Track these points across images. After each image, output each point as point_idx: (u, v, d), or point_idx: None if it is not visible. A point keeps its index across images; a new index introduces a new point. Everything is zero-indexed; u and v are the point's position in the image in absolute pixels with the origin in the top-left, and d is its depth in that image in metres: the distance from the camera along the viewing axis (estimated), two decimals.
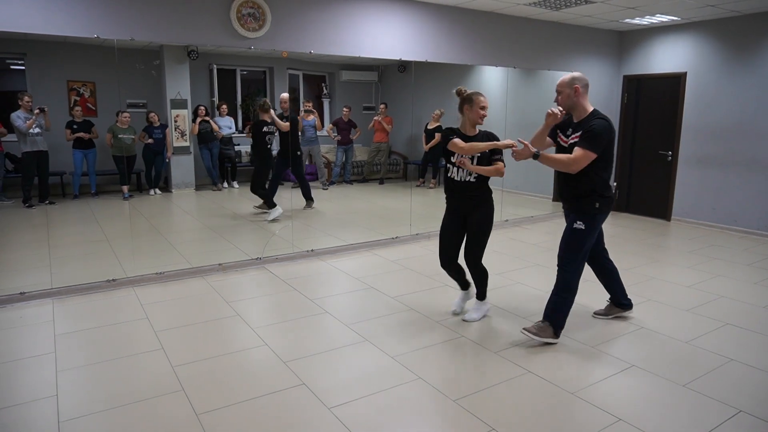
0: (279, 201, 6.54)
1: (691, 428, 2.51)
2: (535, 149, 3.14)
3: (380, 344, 3.36)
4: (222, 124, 8.24)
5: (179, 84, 7.26)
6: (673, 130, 7.17)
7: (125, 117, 7.33)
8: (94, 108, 7.57)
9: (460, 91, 3.51)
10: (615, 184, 7.91)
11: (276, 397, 2.75)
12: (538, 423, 2.54)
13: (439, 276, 4.44)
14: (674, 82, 7.10)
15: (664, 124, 7.30)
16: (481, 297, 3.76)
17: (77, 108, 7.23)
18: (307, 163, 8.41)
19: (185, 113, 7.33)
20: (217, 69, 8.48)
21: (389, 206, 7.81)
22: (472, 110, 3.42)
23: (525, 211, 7.32)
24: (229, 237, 5.85)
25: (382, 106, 8.82)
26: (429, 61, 6.02)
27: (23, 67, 6.94)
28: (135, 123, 7.53)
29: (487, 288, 3.76)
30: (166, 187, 7.77)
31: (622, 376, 3.00)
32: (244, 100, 8.79)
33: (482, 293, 3.76)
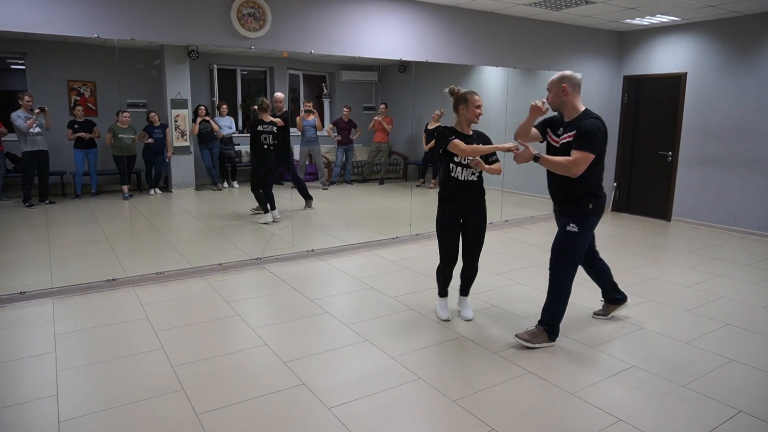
0: (279, 202, 6.54)
1: (691, 429, 2.51)
2: (536, 152, 3.13)
3: (380, 344, 3.36)
4: (222, 124, 8.24)
5: (179, 84, 7.26)
6: (674, 130, 7.17)
7: (125, 117, 7.34)
8: (94, 108, 7.57)
9: (454, 90, 3.52)
10: (615, 184, 7.91)
11: (276, 397, 2.75)
12: (538, 423, 2.54)
13: None
14: (674, 83, 7.10)
15: (665, 124, 7.30)
16: (468, 294, 3.86)
17: (79, 108, 7.23)
18: (307, 163, 8.42)
19: (185, 113, 7.34)
20: (218, 69, 8.48)
21: (389, 206, 7.81)
22: (467, 110, 3.44)
23: (525, 211, 7.32)
24: (229, 237, 5.86)
25: (382, 106, 8.82)
26: (429, 61, 6.02)
27: (24, 67, 6.94)
28: (135, 123, 7.53)
29: None
30: (166, 187, 7.77)
31: (621, 377, 3.00)
32: (244, 100, 8.79)
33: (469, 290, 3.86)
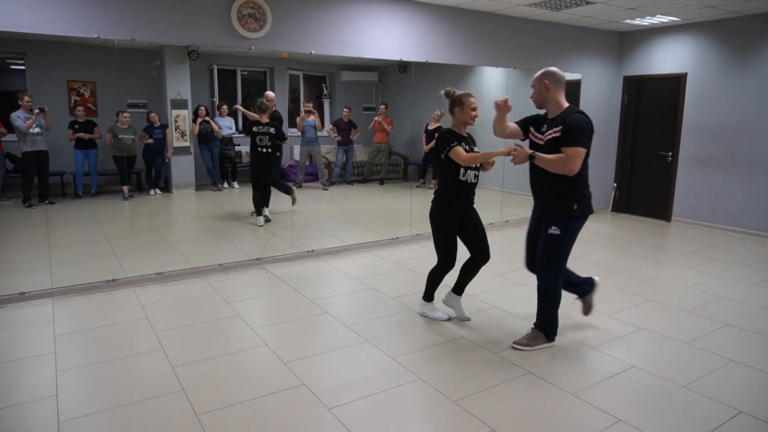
0: (279, 202, 6.53)
1: (691, 429, 2.51)
2: (531, 151, 3.10)
3: (380, 345, 3.36)
4: (222, 124, 8.24)
5: (180, 84, 7.25)
6: (674, 130, 7.17)
7: (125, 117, 7.33)
8: (94, 108, 7.57)
9: (449, 92, 3.53)
10: (615, 184, 7.91)
11: (276, 397, 2.75)
12: (538, 424, 2.54)
13: None
14: (675, 83, 7.10)
15: (665, 124, 7.30)
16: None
17: (79, 108, 7.23)
18: (307, 163, 8.42)
19: (185, 113, 7.33)
20: (218, 69, 8.47)
21: (389, 207, 7.81)
22: (463, 112, 3.45)
23: (525, 212, 7.25)
24: (230, 237, 5.85)
25: (382, 106, 8.83)
26: (429, 61, 6.02)
27: (23, 67, 6.93)
28: (135, 123, 7.53)
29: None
30: (167, 188, 7.77)
31: (622, 377, 3.00)
32: (244, 100, 8.78)
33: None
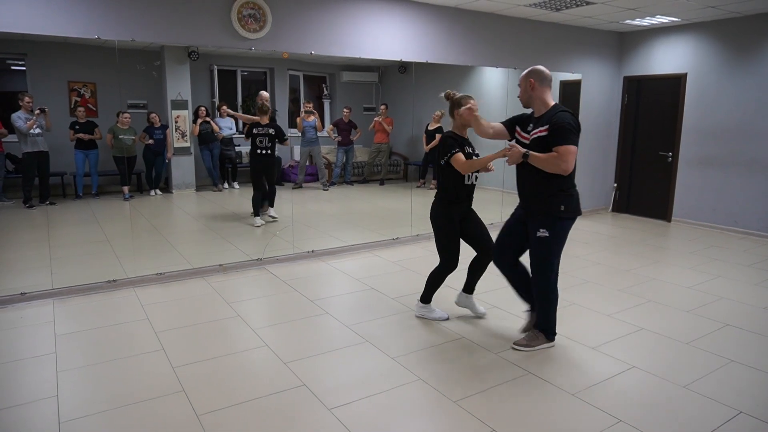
0: (279, 203, 6.53)
1: (692, 429, 2.51)
2: (525, 150, 3.08)
3: (381, 345, 3.36)
4: (222, 124, 8.23)
5: (180, 85, 7.26)
6: (674, 131, 7.17)
7: (126, 118, 7.33)
8: (94, 108, 7.56)
9: (449, 95, 3.55)
10: (616, 185, 7.91)
11: (277, 398, 2.75)
12: (539, 424, 2.54)
13: None
14: (675, 83, 7.10)
15: (665, 125, 7.30)
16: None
17: (80, 108, 7.23)
18: (307, 164, 8.42)
19: (186, 114, 7.33)
20: (218, 70, 8.47)
21: (390, 207, 7.81)
22: (462, 114, 3.46)
23: None
24: (230, 238, 5.86)
25: (382, 107, 8.82)
26: (429, 62, 6.02)
27: (24, 68, 6.93)
28: (136, 124, 7.53)
29: None
30: (167, 188, 7.76)
31: (622, 378, 3.00)
32: (244, 100, 8.78)
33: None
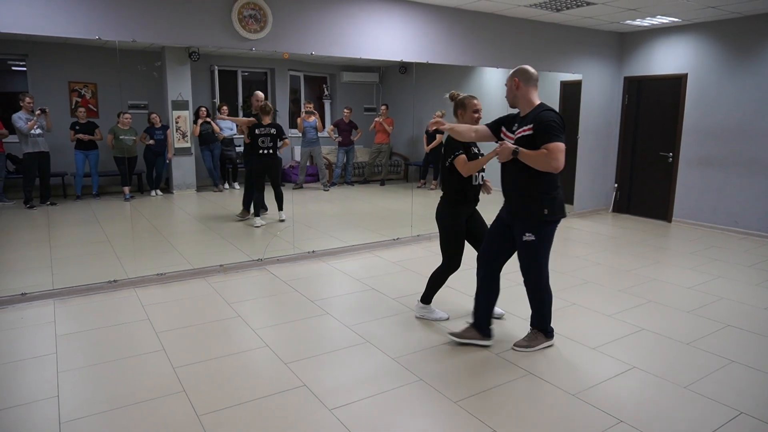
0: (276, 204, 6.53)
1: (692, 430, 2.51)
2: (515, 146, 3.04)
3: (381, 345, 3.36)
4: (223, 125, 8.24)
5: (180, 85, 7.26)
6: (674, 131, 7.17)
7: (126, 118, 7.33)
8: (95, 109, 7.57)
9: (454, 95, 3.57)
10: (616, 185, 7.91)
11: (277, 398, 2.75)
12: (539, 425, 2.54)
13: None
14: (675, 84, 7.10)
15: (665, 125, 7.29)
16: None
17: (81, 109, 7.24)
18: (308, 164, 8.42)
19: (186, 114, 7.34)
20: (219, 70, 8.47)
21: (390, 207, 7.81)
22: (465, 114, 3.50)
23: None
24: (230, 238, 5.86)
25: (383, 107, 8.83)
26: (430, 62, 6.02)
27: (24, 69, 6.94)
28: (136, 124, 7.53)
29: None
30: (167, 188, 7.77)
31: (623, 378, 3.00)
32: (245, 101, 8.79)
33: None
